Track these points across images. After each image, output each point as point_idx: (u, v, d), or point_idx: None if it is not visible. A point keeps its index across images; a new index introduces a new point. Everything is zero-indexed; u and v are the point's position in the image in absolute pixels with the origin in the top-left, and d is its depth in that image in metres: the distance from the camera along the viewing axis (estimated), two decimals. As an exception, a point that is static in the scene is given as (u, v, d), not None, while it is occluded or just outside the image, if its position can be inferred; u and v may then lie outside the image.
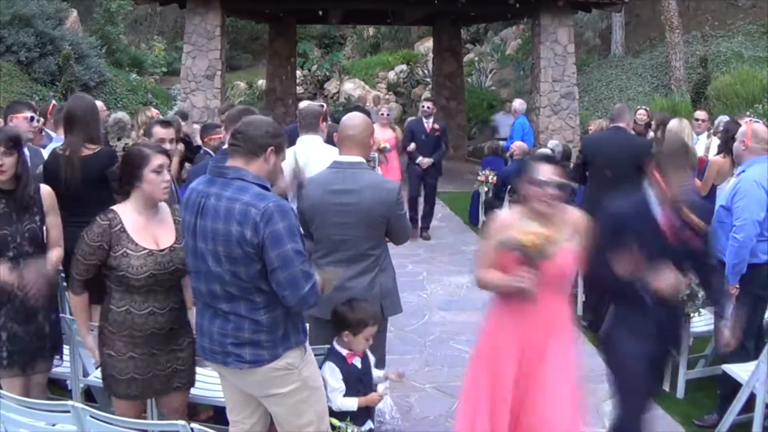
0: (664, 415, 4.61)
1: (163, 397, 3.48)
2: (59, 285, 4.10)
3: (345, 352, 3.59)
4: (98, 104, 5.28)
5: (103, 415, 2.96)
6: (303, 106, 5.67)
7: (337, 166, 3.78)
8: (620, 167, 5.87)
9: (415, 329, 6.27)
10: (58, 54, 16.05)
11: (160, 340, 3.32)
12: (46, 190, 3.73)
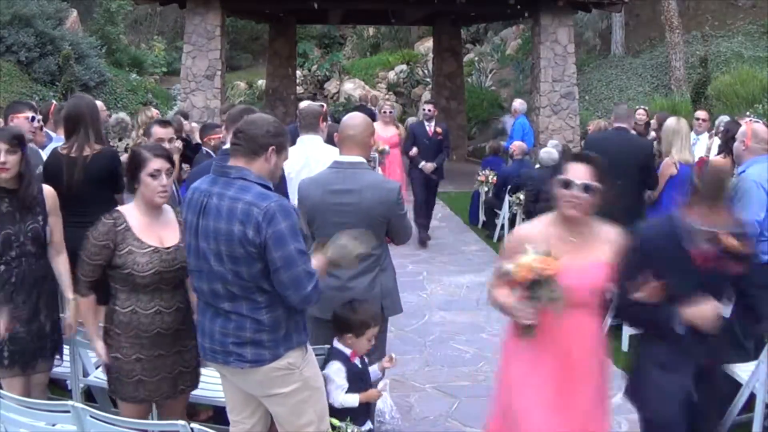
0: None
1: (168, 400, 3.43)
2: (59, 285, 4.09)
3: (348, 351, 3.60)
4: (98, 104, 5.28)
5: (103, 415, 2.97)
6: (303, 106, 5.68)
7: (338, 166, 3.78)
8: (623, 167, 5.87)
9: (415, 329, 6.26)
10: (58, 54, 16.06)
11: (167, 341, 3.30)
12: (49, 191, 3.72)
